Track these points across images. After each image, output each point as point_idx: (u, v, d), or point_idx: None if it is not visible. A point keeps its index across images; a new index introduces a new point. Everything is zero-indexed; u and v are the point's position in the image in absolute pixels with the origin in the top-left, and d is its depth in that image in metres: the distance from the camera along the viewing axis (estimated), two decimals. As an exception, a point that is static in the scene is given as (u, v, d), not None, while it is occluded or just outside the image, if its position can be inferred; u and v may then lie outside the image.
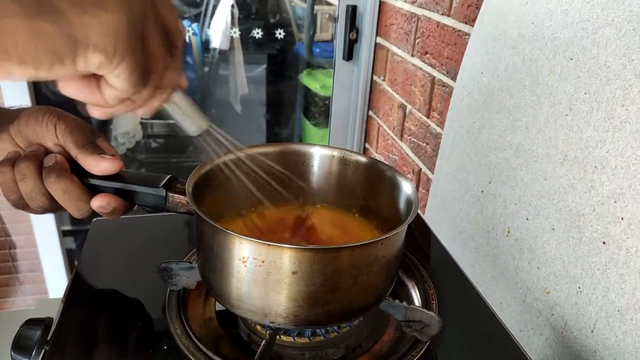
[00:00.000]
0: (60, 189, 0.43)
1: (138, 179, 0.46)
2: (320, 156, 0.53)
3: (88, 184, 0.45)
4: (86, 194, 0.44)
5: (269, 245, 0.36)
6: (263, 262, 0.36)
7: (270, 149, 0.52)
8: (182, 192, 0.45)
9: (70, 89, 0.33)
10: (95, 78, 0.32)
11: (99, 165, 0.44)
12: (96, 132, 0.48)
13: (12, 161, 0.43)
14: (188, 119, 0.41)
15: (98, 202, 0.44)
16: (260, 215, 0.50)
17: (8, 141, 0.46)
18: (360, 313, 0.43)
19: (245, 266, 0.37)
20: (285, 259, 0.36)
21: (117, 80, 0.31)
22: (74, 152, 0.44)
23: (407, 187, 0.47)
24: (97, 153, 0.44)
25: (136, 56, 0.31)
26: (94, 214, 0.45)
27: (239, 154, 0.46)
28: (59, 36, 0.27)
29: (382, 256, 0.40)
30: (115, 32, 0.29)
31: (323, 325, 0.43)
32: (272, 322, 0.39)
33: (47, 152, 0.45)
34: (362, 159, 0.52)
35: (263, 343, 0.42)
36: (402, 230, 0.41)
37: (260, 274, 0.37)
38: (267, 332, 0.44)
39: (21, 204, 0.45)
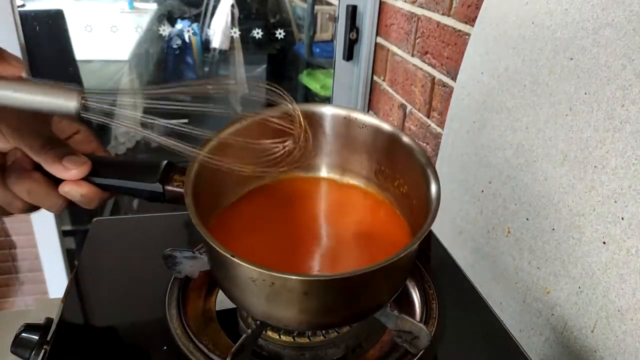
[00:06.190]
0: (24, 190, 0.39)
1: (131, 172, 0.42)
2: (331, 117, 0.49)
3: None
4: (54, 189, 0.40)
5: (277, 275, 0.34)
6: (273, 283, 0.35)
7: (275, 112, 0.46)
8: (181, 185, 0.42)
9: None
10: None
11: (66, 174, 0.39)
12: (49, 122, 0.41)
13: None
14: (46, 97, 0.33)
15: (63, 200, 0.40)
16: (271, 186, 0.47)
17: None
18: (366, 316, 0.42)
19: (256, 285, 0.36)
20: (295, 283, 0.35)
21: None
22: (35, 158, 0.39)
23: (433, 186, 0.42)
24: (59, 159, 0.39)
25: None
26: (70, 204, 0.41)
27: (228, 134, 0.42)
28: None
29: (396, 268, 0.39)
30: None
31: (325, 328, 0.43)
32: (283, 326, 0.39)
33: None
34: (385, 126, 0.48)
35: (244, 337, 0.41)
36: (426, 230, 0.38)
37: (271, 291, 0.36)
38: (254, 323, 0.44)
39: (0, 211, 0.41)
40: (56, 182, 0.40)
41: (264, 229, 0.48)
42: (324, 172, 0.53)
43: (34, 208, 0.41)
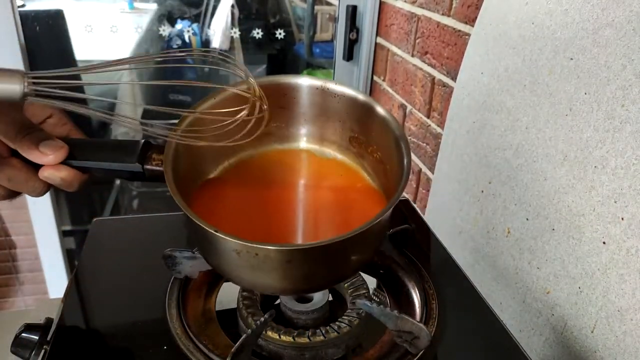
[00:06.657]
0: (4, 178, 0.39)
1: (109, 153, 0.42)
2: (306, 88, 0.51)
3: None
4: (34, 175, 0.40)
5: (259, 247, 0.36)
6: (257, 254, 0.37)
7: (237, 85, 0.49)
8: (160, 164, 0.42)
9: None
10: None
11: (43, 159, 0.39)
12: (21, 108, 0.40)
13: None
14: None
15: (44, 184, 0.41)
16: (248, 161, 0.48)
17: None
18: (345, 279, 0.48)
19: (240, 256, 0.38)
20: (277, 253, 0.37)
21: None
22: (11, 145, 0.39)
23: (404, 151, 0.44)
24: (35, 145, 0.39)
25: None
26: (50, 187, 0.42)
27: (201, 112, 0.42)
28: None
29: (375, 232, 0.41)
30: None
31: (307, 292, 0.47)
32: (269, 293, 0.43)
33: None
34: (360, 96, 0.51)
35: (244, 337, 0.41)
36: (396, 200, 0.40)
37: (255, 262, 0.38)
38: (254, 322, 0.45)
39: None
40: (35, 167, 0.40)
41: (245, 202, 0.49)
42: (303, 143, 0.54)
43: (15, 194, 0.42)
